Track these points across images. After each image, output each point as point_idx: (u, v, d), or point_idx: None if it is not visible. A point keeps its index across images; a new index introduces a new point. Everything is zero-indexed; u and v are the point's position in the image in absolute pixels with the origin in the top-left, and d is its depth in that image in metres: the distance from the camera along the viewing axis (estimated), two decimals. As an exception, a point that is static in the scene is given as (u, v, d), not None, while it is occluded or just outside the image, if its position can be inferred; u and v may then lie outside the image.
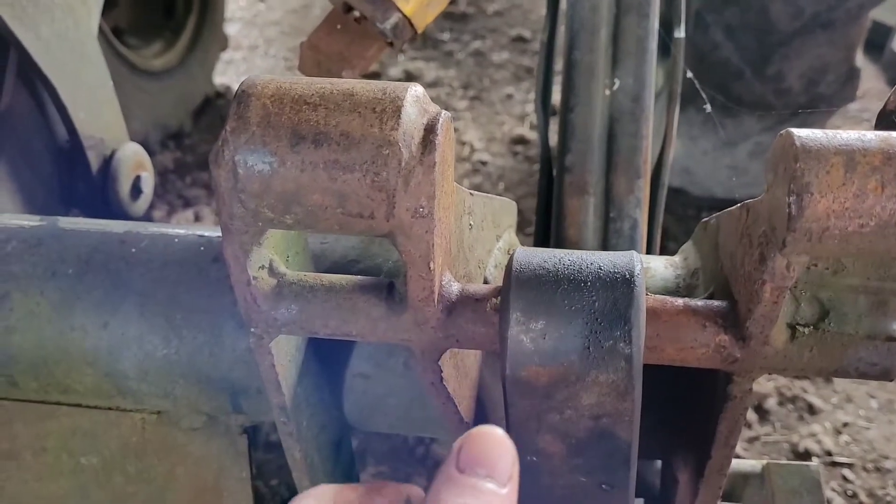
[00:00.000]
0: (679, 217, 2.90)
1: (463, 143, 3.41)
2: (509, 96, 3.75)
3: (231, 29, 4.06)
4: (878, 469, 2.22)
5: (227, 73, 3.88)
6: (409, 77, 3.85)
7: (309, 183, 0.57)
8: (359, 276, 0.68)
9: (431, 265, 0.61)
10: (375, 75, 3.83)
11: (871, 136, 0.55)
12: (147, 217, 1.45)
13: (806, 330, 0.64)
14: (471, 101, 3.72)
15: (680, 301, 0.65)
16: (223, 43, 3.57)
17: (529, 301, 0.61)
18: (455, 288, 0.66)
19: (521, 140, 3.44)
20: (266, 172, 0.58)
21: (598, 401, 0.61)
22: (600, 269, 0.62)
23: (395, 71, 3.88)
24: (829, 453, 2.25)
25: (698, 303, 0.65)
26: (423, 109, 0.59)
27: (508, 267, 0.63)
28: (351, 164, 0.56)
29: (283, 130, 0.57)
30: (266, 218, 0.60)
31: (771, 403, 2.37)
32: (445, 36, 4.20)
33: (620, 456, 0.65)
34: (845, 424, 2.33)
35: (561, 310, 0.60)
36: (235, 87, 3.75)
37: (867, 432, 2.31)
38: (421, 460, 2.19)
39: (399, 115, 0.57)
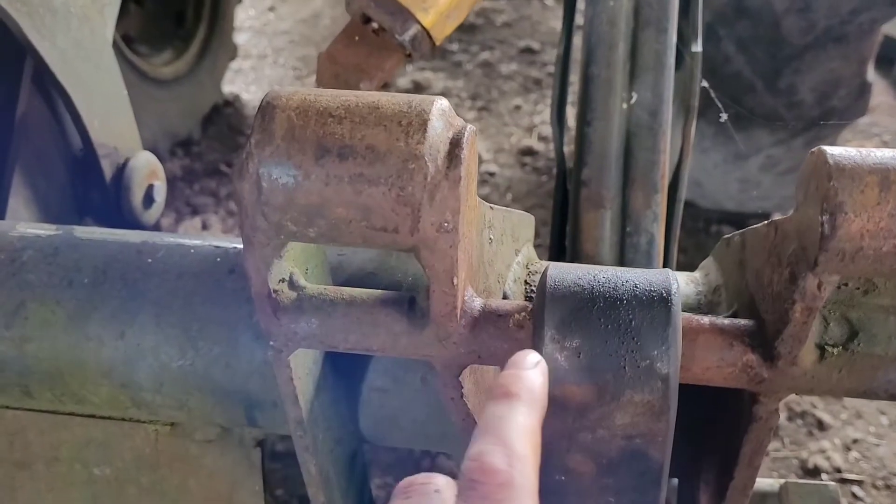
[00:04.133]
0: (688, 230, 2.89)
1: (471, 154, 3.39)
2: (517, 107, 3.74)
3: (240, 38, 4.07)
4: (888, 486, 2.20)
5: (236, 82, 3.88)
6: (418, 87, 3.85)
7: (333, 196, 0.57)
8: (379, 290, 0.67)
9: (455, 280, 0.60)
10: (384, 86, 3.82)
11: (906, 155, 0.54)
12: (155, 225, 1.45)
13: (835, 350, 0.63)
14: (479, 112, 3.72)
15: (706, 319, 0.64)
16: (232, 52, 3.58)
17: (564, 318, 0.60)
18: (477, 303, 0.65)
19: (529, 151, 3.43)
20: (290, 185, 0.57)
21: (633, 421, 0.60)
22: (636, 286, 0.61)
23: (403, 81, 3.88)
24: (838, 470, 2.23)
25: (725, 321, 0.65)
26: (448, 123, 0.58)
27: (542, 283, 0.63)
28: (376, 178, 0.56)
29: (307, 143, 0.57)
30: (289, 231, 0.59)
31: (780, 418, 2.35)
32: (454, 46, 4.20)
33: (651, 476, 0.63)
34: (855, 441, 2.31)
35: (597, 328, 0.59)
36: (244, 95, 3.76)
37: (877, 449, 2.30)
38: (427, 472, 2.17)
39: (425, 129, 0.56)
